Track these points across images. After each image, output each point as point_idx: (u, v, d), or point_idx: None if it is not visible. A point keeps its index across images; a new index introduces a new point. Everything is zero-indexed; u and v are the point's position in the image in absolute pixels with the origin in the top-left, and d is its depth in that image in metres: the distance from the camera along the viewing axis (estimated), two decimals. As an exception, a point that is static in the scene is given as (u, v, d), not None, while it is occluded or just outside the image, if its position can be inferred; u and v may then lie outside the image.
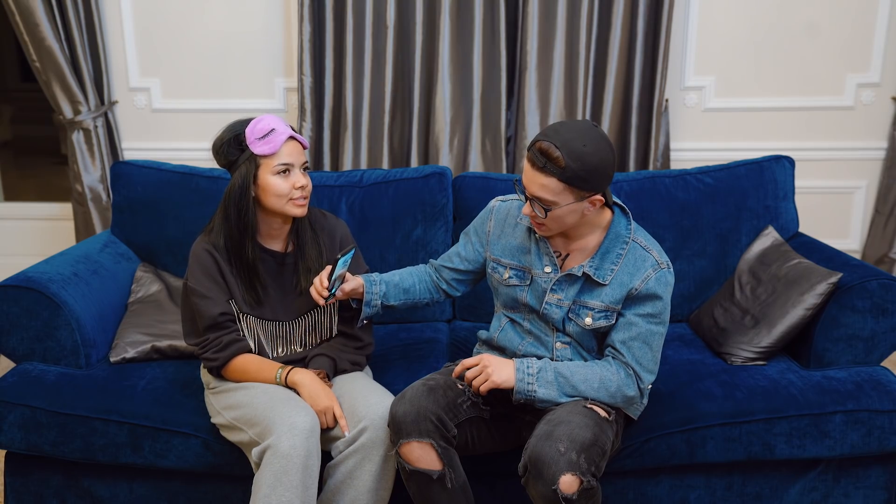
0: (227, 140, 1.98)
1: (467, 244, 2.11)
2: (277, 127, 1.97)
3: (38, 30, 3.23)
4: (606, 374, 1.87)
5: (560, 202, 1.78)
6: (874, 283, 2.17)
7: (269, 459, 1.81)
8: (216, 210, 2.06)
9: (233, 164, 1.99)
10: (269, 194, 1.98)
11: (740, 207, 2.56)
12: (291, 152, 1.99)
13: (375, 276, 2.10)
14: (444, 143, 3.33)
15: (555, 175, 1.75)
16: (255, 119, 1.98)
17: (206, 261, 2.01)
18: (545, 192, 1.78)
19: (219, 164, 2.04)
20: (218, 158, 2.02)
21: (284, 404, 1.89)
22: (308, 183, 2.01)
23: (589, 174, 1.75)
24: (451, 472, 1.84)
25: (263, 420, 1.87)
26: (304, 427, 1.83)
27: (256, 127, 1.96)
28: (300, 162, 2.01)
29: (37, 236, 3.74)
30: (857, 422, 2.08)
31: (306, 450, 1.82)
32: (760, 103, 3.39)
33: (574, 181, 1.75)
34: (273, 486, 1.80)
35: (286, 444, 1.80)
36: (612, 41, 3.23)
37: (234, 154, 1.98)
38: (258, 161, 1.97)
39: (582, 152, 1.73)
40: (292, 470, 1.80)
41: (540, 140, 1.77)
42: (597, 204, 1.83)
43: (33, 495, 2.22)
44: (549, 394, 1.84)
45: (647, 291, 1.86)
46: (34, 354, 2.24)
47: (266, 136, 1.95)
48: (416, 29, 3.24)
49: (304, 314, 2.11)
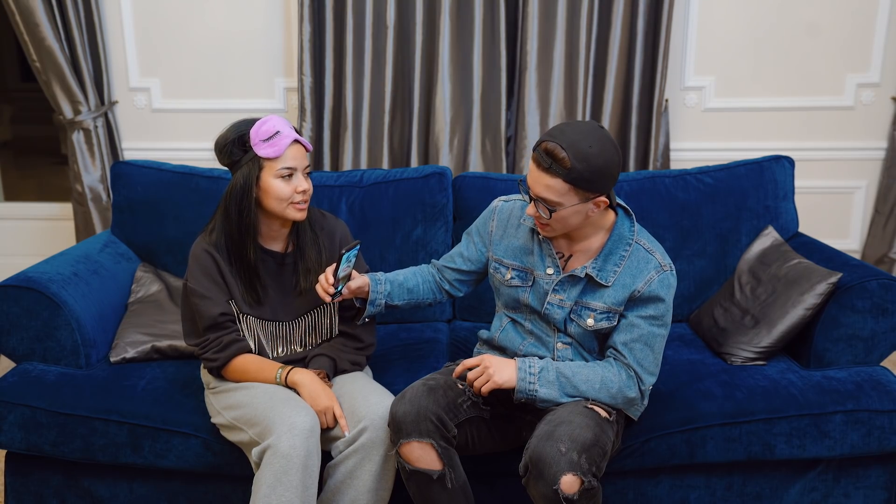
0: (232, 139, 1.97)
1: (469, 244, 2.11)
2: (283, 130, 1.95)
3: (38, 30, 3.23)
4: (608, 374, 1.87)
5: (565, 203, 1.78)
6: (874, 283, 2.17)
7: (269, 459, 1.81)
8: (216, 210, 2.06)
9: (235, 164, 1.98)
10: (270, 197, 1.97)
11: (740, 207, 2.56)
12: (296, 156, 1.98)
13: (381, 276, 2.09)
14: (444, 143, 3.33)
15: (560, 176, 1.75)
16: (260, 120, 1.97)
17: (205, 261, 2.00)
18: (550, 192, 1.77)
19: (221, 163, 2.02)
20: (221, 157, 2.01)
21: (284, 404, 1.88)
22: (309, 187, 2.01)
23: (594, 175, 1.75)
24: (452, 472, 1.84)
25: (263, 420, 1.87)
26: (303, 427, 1.83)
27: (262, 128, 1.94)
28: (303, 166, 2.00)
29: (37, 236, 3.74)
30: (857, 422, 2.08)
31: (306, 450, 1.82)
32: (760, 103, 3.39)
33: (579, 182, 1.75)
34: (273, 486, 1.80)
35: (286, 443, 1.80)
36: (612, 41, 3.23)
37: (238, 154, 1.97)
38: (262, 163, 1.96)
39: (588, 153, 1.73)
40: (292, 470, 1.80)
41: (546, 140, 1.76)
42: (601, 205, 1.82)
43: (33, 495, 2.22)
44: (550, 394, 1.84)
45: (649, 293, 1.86)
46: (34, 354, 2.24)
47: (271, 139, 1.94)
48: (416, 29, 3.24)
49: (304, 314, 2.11)
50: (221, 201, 2.02)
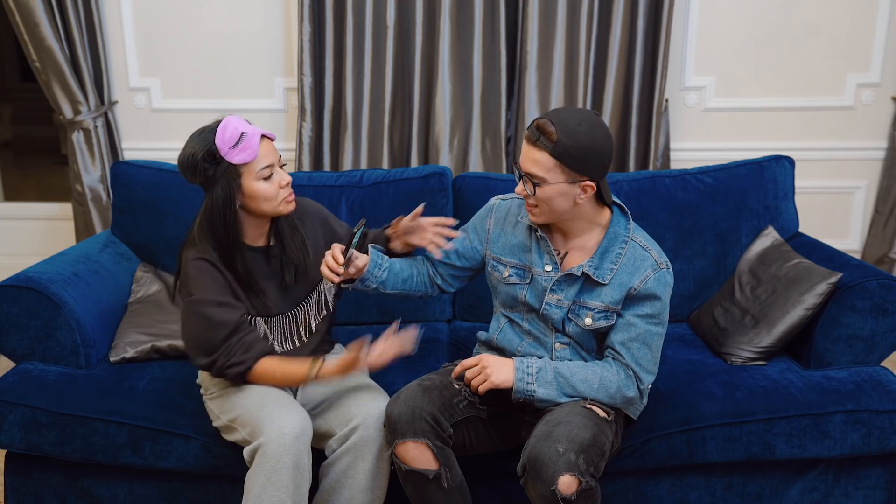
0: (202, 155, 1.85)
1: (465, 241, 2.11)
2: (245, 129, 1.86)
3: (38, 30, 3.23)
4: (606, 374, 1.87)
5: (549, 179, 1.79)
6: (874, 283, 2.17)
7: (260, 459, 1.81)
8: (192, 226, 1.97)
9: (209, 180, 1.88)
10: (258, 201, 1.91)
11: (740, 207, 2.56)
12: (269, 152, 1.91)
13: (385, 262, 2.06)
14: (444, 143, 3.33)
15: (547, 149, 1.77)
16: (219, 126, 1.87)
17: (207, 269, 1.93)
18: (536, 167, 1.79)
19: (193, 182, 1.90)
20: (193, 177, 1.89)
21: (275, 404, 1.87)
22: (289, 177, 1.95)
23: (581, 153, 1.76)
24: (448, 471, 1.84)
25: (254, 420, 1.86)
26: (293, 427, 1.82)
27: (226, 135, 1.84)
28: (277, 158, 1.93)
29: (37, 236, 3.74)
30: (857, 422, 2.08)
31: (296, 450, 1.82)
32: (760, 103, 3.39)
33: (565, 158, 1.76)
34: (264, 485, 1.79)
35: (275, 444, 1.80)
36: (612, 41, 3.23)
37: (211, 169, 1.86)
38: (239, 170, 1.87)
39: (576, 130, 1.76)
40: (282, 469, 1.79)
41: (538, 118, 1.81)
42: (588, 191, 1.82)
43: (33, 495, 2.22)
44: (548, 394, 1.84)
45: (645, 292, 1.86)
46: (34, 354, 2.24)
47: (239, 143, 1.85)
48: (416, 29, 3.23)
49: (301, 302, 2.10)
50: (201, 218, 1.92)
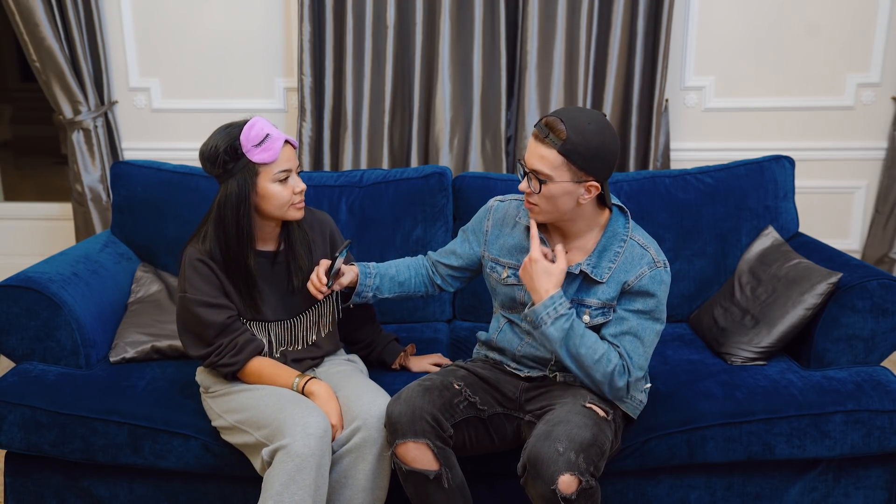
0: (224, 148, 1.90)
1: (464, 242, 2.11)
2: (272, 132, 1.92)
3: (38, 30, 3.23)
4: (610, 355, 1.86)
5: (555, 177, 1.79)
6: (874, 283, 2.17)
7: (283, 458, 1.80)
8: (205, 218, 2.01)
9: (226, 173, 1.93)
10: (269, 202, 1.95)
11: (740, 207, 2.56)
12: (289, 157, 1.96)
13: (372, 268, 2.10)
14: (444, 143, 3.33)
15: (555, 147, 1.77)
16: (246, 124, 1.92)
17: (203, 270, 1.96)
18: (544, 164, 1.79)
19: (210, 173, 1.96)
20: (211, 168, 1.94)
21: (295, 405, 1.88)
22: (304, 185, 1.99)
23: (589, 152, 1.76)
24: (448, 471, 1.84)
25: (274, 422, 1.86)
26: (317, 427, 1.83)
27: (251, 133, 1.90)
28: (296, 165, 1.98)
29: (37, 236, 3.74)
30: (857, 422, 2.08)
31: (320, 450, 1.82)
32: (760, 103, 3.39)
33: (573, 156, 1.76)
34: (286, 484, 1.79)
35: (300, 444, 1.80)
36: (612, 41, 3.23)
37: (230, 163, 1.91)
38: (257, 169, 1.92)
39: (585, 129, 1.76)
40: (306, 469, 1.80)
41: (547, 115, 1.81)
42: (592, 191, 1.82)
43: (33, 495, 2.22)
44: (554, 336, 1.83)
45: (639, 287, 1.86)
46: (34, 354, 2.24)
47: (263, 143, 1.90)
48: (416, 29, 3.23)
49: (305, 310, 2.11)
50: (214, 211, 1.96)
